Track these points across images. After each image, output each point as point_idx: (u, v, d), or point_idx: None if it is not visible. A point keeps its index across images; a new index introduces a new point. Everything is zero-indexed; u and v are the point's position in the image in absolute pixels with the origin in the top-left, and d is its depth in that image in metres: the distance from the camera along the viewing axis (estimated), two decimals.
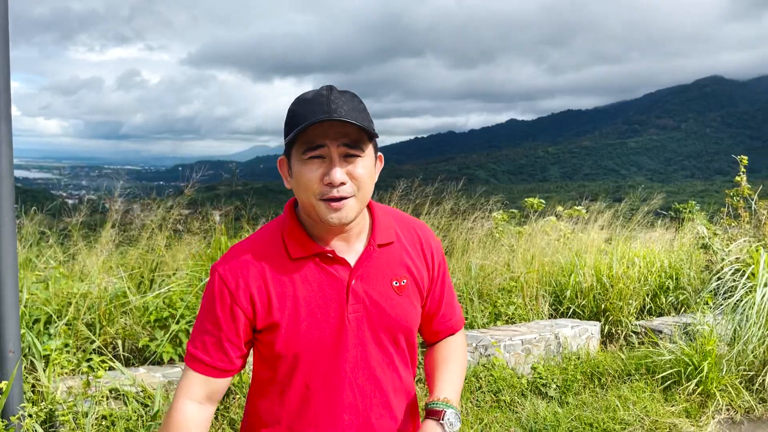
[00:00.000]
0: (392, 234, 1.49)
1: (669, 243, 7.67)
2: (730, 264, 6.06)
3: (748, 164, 6.80)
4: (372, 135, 1.35)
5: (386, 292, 1.45)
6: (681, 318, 5.74)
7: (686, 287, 6.41)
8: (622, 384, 4.59)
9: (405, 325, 1.48)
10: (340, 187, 1.32)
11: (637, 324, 5.69)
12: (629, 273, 6.20)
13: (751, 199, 6.51)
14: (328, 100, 1.30)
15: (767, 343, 4.86)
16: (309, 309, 1.39)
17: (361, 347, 1.44)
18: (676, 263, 6.65)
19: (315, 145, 1.31)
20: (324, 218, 1.35)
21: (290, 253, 1.40)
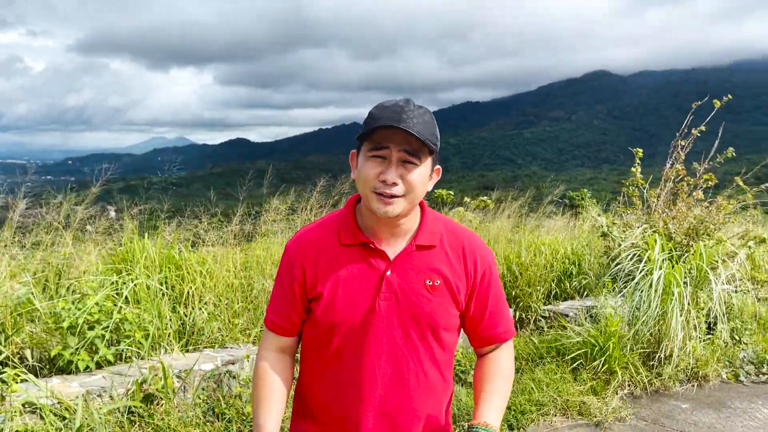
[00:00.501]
0: (436, 239, 1.64)
1: (570, 231, 8.14)
2: (626, 250, 6.53)
3: (631, 154, 7.29)
4: (432, 149, 1.53)
5: (418, 289, 1.59)
6: (585, 302, 6.12)
7: (588, 272, 6.83)
8: (536, 367, 4.85)
9: (431, 321, 1.61)
10: (392, 186, 1.50)
11: (545, 309, 6.01)
12: (537, 261, 6.54)
13: (644, 189, 7.01)
14: (402, 110, 1.49)
15: (661, 322, 5.29)
16: (347, 288, 1.58)
17: (389, 333, 1.59)
18: (577, 250, 7.07)
19: (380, 146, 1.50)
20: (374, 209, 1.53)
21: (341, 239, 1.61)
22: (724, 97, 7.16)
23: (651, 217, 6.97)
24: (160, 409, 3.25)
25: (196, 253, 4.76)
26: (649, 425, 4.41)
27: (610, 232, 6.49)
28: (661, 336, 5.31)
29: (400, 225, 1.61)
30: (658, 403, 4.90)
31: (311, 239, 1.65)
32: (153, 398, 3.28)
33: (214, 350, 3.94)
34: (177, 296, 4.36)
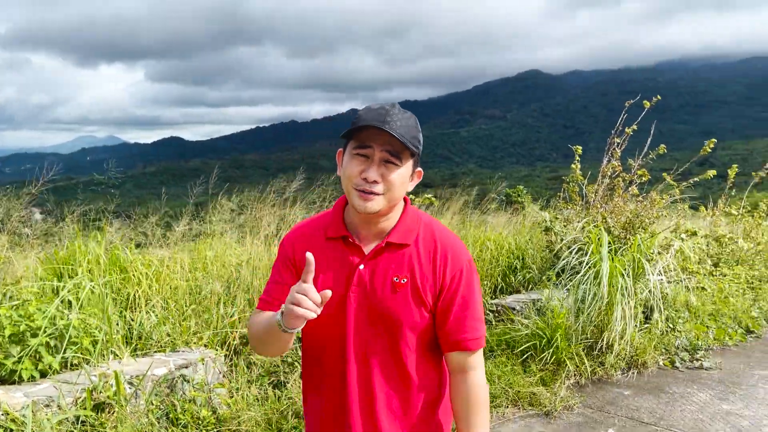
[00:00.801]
0: (410, 238, 1.69)
1: (513, 227, 8.33)
2: (568, 244, 6.74)
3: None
4: (413, 152, 1.61)
5: (386, 284, 1.66)
6: (530, 295, 6.29)
7: (531, 266, 7.02)
8: (487, 360, 4.95)
9: (395, 318, 1.66)
10: (373, 184, 1.58)
11: (492, 303, 6.13)
12: (483, 256, 6.67)
13: (582, 185, 7.26)
14: (387, 113, 1.57)
15: (604, 313, 5.50)
16: (324, 279, 1.67)
17: (358, 326, 1.67)
18: (521, 245, 7.26)
19: (364, 145, 1.59)
20: (355, 205, 1.62)
21: (327, 233, 1.72)
22: (654, 97, 7.49)
23: (590, 211, 7.23)
24: (111, 417, 3.14)
25: (141, 255, 4.61)
26: (595, 413, 4.58)
27: (553, 228, 6.69)
28: (603, 326, 5.52)
29: (379, 223, 1.68)
30: (602, 390, 5.09)
31: (303, 232, 1.78)
32: (104, 406, 3.16)
33: (165, 354, 3.84)
34: (123, 300, 4.22)
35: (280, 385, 4.14)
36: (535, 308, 5.81)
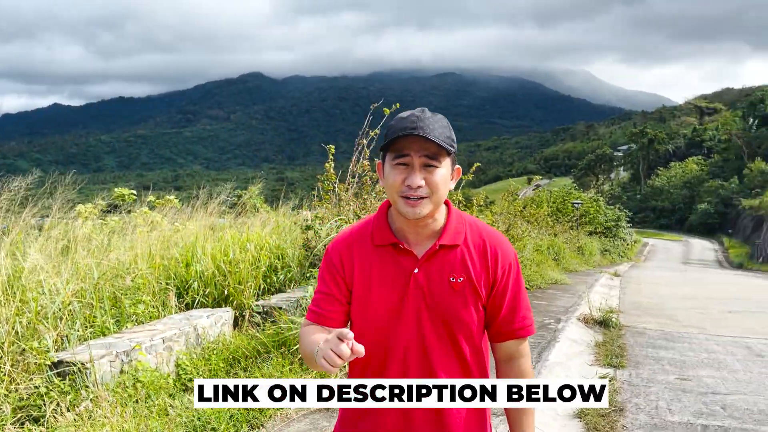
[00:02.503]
0: (460, 238, 1.73)
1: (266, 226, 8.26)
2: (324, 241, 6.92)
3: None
4: (449, 151, 1.64)
5: (443, 285, 1.70)
6: (295, 293, 6.29)
7: (291, 265, 7.04)
8: (264, 363, 4.81)
9: (458, 317, 1.70)
10: (417, 190, 1.61)
11: (258, 304, 5.99)
12: (244, 257, 6.48)
13: (335, 183, 7.52)
14: (418, 119, 1.61)
15: None
16: (379, 286, 1.71)
17: (419, 331, 1.70)
18: (280, 244, 7.23)
19: (401, 154, 1.62)
20: (403, 212, 1.65)
21: (374, 240, 1.74)
22: (394, 105, 8.08)
23: (342, 208, 7.52)
24: None
25: None
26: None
27: (313, 227, 6.80)
28: None
29: (426, 225, 1.72)
30: None
31: (348, 240, 1.79)
32: None
33: None
34: None
35: (37, 421, 3.49)
36: (301, 306, 5.84)
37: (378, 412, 1.70)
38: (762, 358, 7.19)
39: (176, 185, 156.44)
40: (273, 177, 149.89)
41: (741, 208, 59.15)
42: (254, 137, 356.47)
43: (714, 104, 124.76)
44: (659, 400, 5.30)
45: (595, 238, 32.86)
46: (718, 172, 72.93)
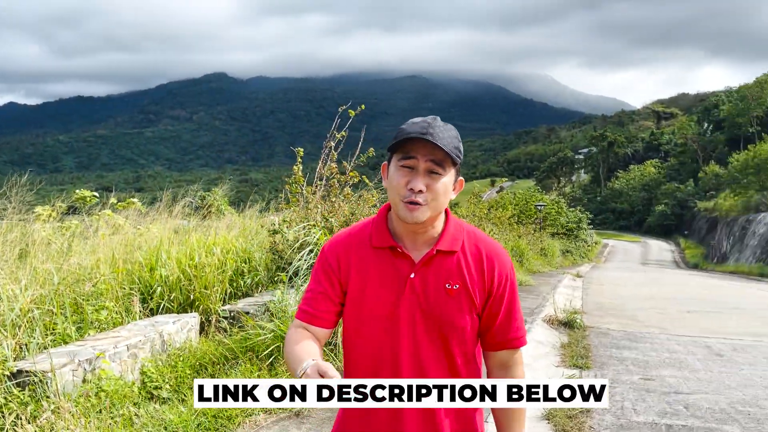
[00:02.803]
0: (457, 245, 1.73)
1: (232, 229, 8.14)
2: (291, 244, 6.85)
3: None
4: (455, 161, 1.66)
5: (439, 291, 1.70)
6: (263, 297, 6.21)
7: (258, 269, 6.95)
8: (232, 369, 4.73)
9: (451, 323, 1.69)
10: (418, 194, 1.62)
11: (225, 309, 5.90)
12: (210, 261, 6.36)
13: (302, 186, 7.46)
14: (429, 126, 1.63)
15: None
16: (374, 288, 1.70)
17: (412, 335, 1.69)
18: (247, 247, 7.13)
19: (408, 156, 1.64)
20: (402, 216, 1.66)
21: (372, 241, 1.73)
22: (359, 106, 8.07)
23: (310, 211, 7.46)
24: None
25: None
26: None
27: (282, 230, 6.72)
28: None
29: (425, 231, 1.72)
30: None
31: (345, 240, 1.79)
32: None
33: None
34: None
35: None
36: (269, 310, 5.76)
37: (370, 412, 1.69)
38: (721, 358, 7.39)
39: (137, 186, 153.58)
40: (237, 178, 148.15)
41: (696, 210, 60.90)
42: (217, 138, 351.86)
43: (671, 109, 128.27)
44: (624, 400, 5.40)
45: (557, 239, 33.40)
46: (674, 175, 74.90)
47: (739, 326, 10.22)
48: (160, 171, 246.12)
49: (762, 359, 7.37)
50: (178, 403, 4.16)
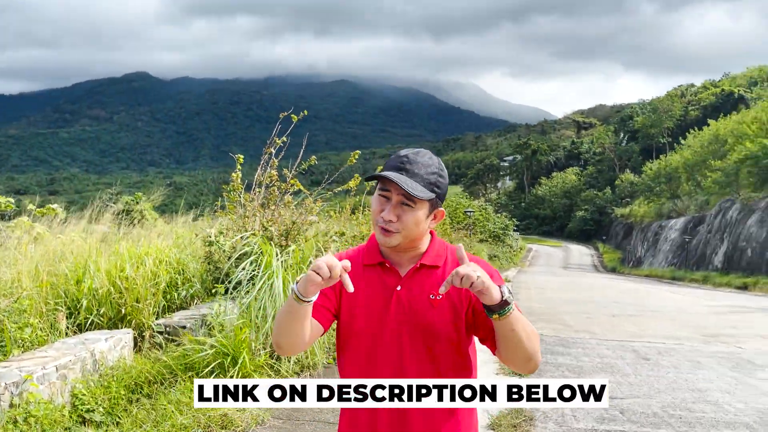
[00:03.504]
0: (440, 260, 1.84)
1: (164, 238, 7.82)
2: (228, 254, 6.64)
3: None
4: (426, 198, 1.74)
5: (423, 302, 1.79)
6: (199, 310, 5.98)
7: (193, 280, 6.69)
8: (171, 388, 4.50)
9: (435, 332, 1.77)
10: (389, 223, 1.75)
11: (159, 323, 5.63)
12: (142, 272, 6.07)
13: (240, 193, 7.24)
14: (408, 162, 1.76)
15: None
16: (365, 302, 1.81)
17: (399, 344, 1.78)
18: (180, 257, 6.86)
19: (384, 188, 1.77)
20: (377, 238, 1.81)
21: (363, 260, 1.87)
22: (301, 112, 7.93)
23: (248, 220, 7.26)
24: None
25: None
26: (285, 422, 4.60)
27: (218, 241, 6.49)
28: None
29: (407, 252, 1.84)
30: None
31: (341, 258, 1.82)
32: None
33: None
34: None
35: None
36: (207, 324, 5.55)
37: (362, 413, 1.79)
38: (648, 361, 7.70)
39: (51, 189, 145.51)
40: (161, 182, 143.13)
41: (613, 216, 63.84)
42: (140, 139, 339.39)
43: (590, 119, 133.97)
44: (564, 408, 5.52)
45: (485, 244, 34.17)
46: (593, 183, 78.25)
47: (659, 329, 10.72)
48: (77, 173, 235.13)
49: (685, 362, 7.73)
50: (112, 427, 3.92)
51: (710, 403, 5.78)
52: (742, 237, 30.91)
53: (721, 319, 12.93)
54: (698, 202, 42.98)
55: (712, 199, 39.68)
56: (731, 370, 7.34)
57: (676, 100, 75.19)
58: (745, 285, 26.01)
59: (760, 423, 5.15)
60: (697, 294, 21.56)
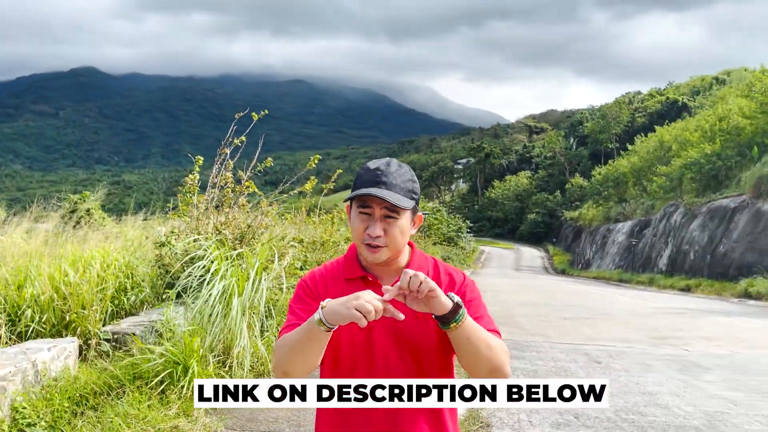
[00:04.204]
0: (423, 271, 1.77)
1: (112, 240, 7.53)
2: (180, 258, 6.43)
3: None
4: (407, 207, 1.78)
5: (407, 314, 1.70)
6: (150, 315, 5.77)
7: (143, 284, 6.46)
8: (119, 399, 4.31)
9: (422, 343, 1.79)
10: (376, 239, 1.76)
11: (106, 330, 5.40)
12: (88, 277, 5.81)
13: (194, 195, 7.04)
14: (382, 174, 1.77)
15: (228, 329, 5.41)
16: None
17: (385, 356, 1.79)
18: (129, 261, 6.61)
19: (365, 205, 1.78)
20: (364, 256, 1.82)
21: (345, 274, 1.88)
22: (262, 111, 7.77)
23: (200, 222, 7.06)
24: None
25: None
26: None
27: (169, 243, 6.28)
28: (230, 342, 5.44)
29: (390, 265, 1.85)
30: (239, 408, 5.01)
31: (323, 273, 1.92)
32: None
33: None
34: None
35: None
36: (156, 331, 5.35)
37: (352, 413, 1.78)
38: (599, 365, 7.84)
39: None
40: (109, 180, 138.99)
41: (563, 219, 65.24)
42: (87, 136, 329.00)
43: (541, 124, 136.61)
44: (520, 412, 5.53)
45: (439, 247, 34.41)
46: (544, 186, 79.78)
47: (610, 332, 10.96)
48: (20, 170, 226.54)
49: (635, 365, 7.90)
50: None
51: (661, 406, 5.91)
52: (685, 241, 31.99)
53: (668, 321, 13.32)
54: (644, 207, 44.27)
55: (658, 203, 40.94)
56: (679, 372, 7.53)
57: (624, 106, 77.36)
58: (688, 287, 26.89)
59: (708, 426, 5.29)
60: (644, 296, 22.20)
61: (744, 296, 21.59)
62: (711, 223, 29.87)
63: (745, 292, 21.72)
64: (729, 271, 26.02)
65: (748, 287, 21.80)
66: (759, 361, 8.53)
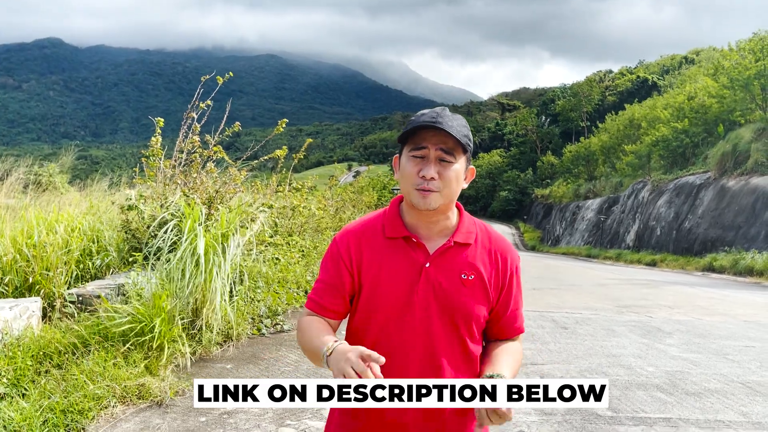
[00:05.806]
0: (471, 238, 1.77)
1: (77, 206, 7.39)
2: (148, 222, 6.33)
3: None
4: (465, 149, 1.68)
5: (454, 281, 1.72)
6: (116, 279, 5.69)
7: (109, 248, 6.36)
8: (84, 357, 4.26)
9: (465, 313, 1.72)
10: (430, 182, 1.65)
11: (71, 293, 5.32)
12: (52, 240, 5.70)
13: (160, 159, 6.91)
14: (438, 115, 1.66)
15: (200, 292, 5.37)
16: (389, 278, 1.72)
17: (425, 323, 1.71)
18: (95, 226, 6.50)
19: (419, 146, 1.67)
20: (414, 203, 1.69)
21: (386, 232, 1.76)
22: (227, 74, 7.65)
23: (168, 187, 6.96)
24: None
25: None
26: None
27: (137, 207, 6.17)
28: (199, 305, 5.40)
29: (438, 222, 1.75)
30: (206, 368, 4.99)
31: (357, 232, 1.79)
32: None
33: None
34: None
35: None
36: (124, 294, 5.29)
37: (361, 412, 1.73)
38: (566, 330, 8.00)
39: None
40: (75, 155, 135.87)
41: (534, 197, 65.98)
42: (52, 110, 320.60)
43: (513, 102, 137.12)
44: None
45: None
46: (516, 164, 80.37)
47: (577, 301, 11.17)
48: None
49: (600, 330, 8.08)
50: (18, 399, 3.66)
51: (624, 367, 6.06)
52: (652, 217, 32.65)
53: (633, 291, 13.62)
54: (613, 184, 44.98)
55: (626, 180, 41.63)
56: (642, 337, 7.73)
57: (595, 85, 77.98)
58: (653, 262, 27.51)
59: (668, 384, 5.44)
60: (611, 270, 22.66)
61: (708, 270, 22.18)
62: (677, 199, 30.51)
63: (709, 266, 22.31)
64: (694, 246, 26.68)
65: (711, 261, 22.39)
66: (718, 326, 8.79)
